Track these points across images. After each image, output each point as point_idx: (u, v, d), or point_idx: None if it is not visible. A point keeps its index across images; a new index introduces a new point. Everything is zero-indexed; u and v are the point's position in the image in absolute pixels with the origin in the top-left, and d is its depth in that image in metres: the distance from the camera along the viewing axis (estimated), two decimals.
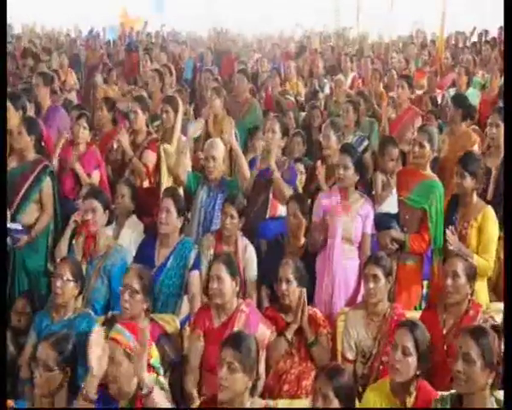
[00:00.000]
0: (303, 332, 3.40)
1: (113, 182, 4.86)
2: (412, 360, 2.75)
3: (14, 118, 4.64)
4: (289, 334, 3.33)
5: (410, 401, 2.76)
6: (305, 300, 3.35)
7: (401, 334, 2.79)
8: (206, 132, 5.56)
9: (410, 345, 2.75)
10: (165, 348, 3.21)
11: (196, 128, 5.02)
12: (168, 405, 2.65)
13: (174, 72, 7.80)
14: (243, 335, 2.76)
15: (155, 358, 2.79)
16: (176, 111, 5.10)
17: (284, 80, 8.16)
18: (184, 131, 5.42)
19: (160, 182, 4.81)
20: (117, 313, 3.35)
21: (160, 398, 2.58)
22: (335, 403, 2.51)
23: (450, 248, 3.71)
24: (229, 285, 3.28)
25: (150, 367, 2.74)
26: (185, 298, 3.83)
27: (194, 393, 3.24)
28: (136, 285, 3.21)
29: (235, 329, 3.19)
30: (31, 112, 5.04)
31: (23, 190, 4.30)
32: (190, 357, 3.31)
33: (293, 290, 3.41)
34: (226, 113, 5.83)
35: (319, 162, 4.64)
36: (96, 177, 4.75)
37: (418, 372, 2.77)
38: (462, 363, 2.53)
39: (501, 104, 5.49)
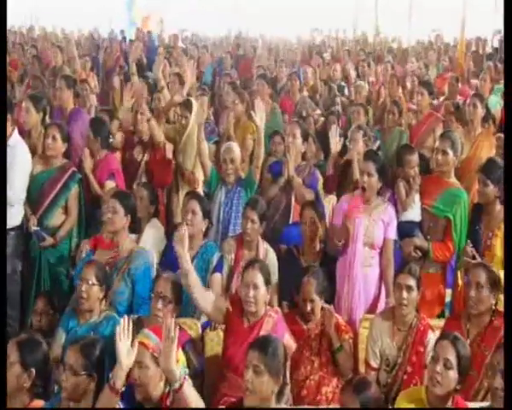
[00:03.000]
0: (324, 338, 3.37)
1: (129, 186, 4.87)
2: (453, 373, 2.71)
3: (34, 119, 4.70)
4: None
5: None
6: (333, 312, 3.33)
7: (444, 346, 2.75)
8: (227, 137, 5.58)
9: (453, 358, 2.71)
10: (190, 355, 3.19)
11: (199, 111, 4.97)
12: (199, 398, 2.62)
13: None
14: (270, 338, 2.75)
15: (182, 363, 2.78)
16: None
17: (303, 85, 8.15)
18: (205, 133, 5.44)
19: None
20: (144, 317, 3.35)
21: (192, 390, 2.56)
22: None
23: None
24: (263, 293, 3.24)
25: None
26: None
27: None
28: (169, 293, 3.21)
29: (263, 332, 3.16)
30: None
31: (51, 196, 4.36)
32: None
33: (317, 307, 3.42)
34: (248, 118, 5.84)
35: (354, 153, 4.60)
36: (109, 187, 4.65)
37: (458, 387, 2.73)
38: (500, 380, 2.49)
39: None
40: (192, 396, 2.55)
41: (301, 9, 17.80)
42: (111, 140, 4.95)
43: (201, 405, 2.60)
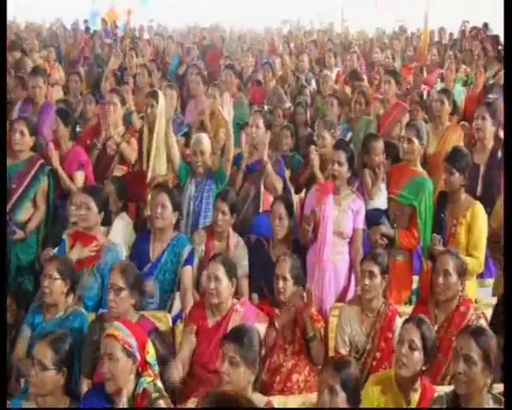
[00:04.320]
0: (297, 326, 3.40)
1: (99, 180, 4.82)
2: (418, 354, 2.76)
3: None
4: (278, 324, 3.33)
5: (414, 398, 2.77)
6: (302, 298, 3.34)
7: (408, 329, 2.80)
8: (197, 128, 5.55)
9: (417, 340, 2.76)
10: (156, 344, 3.19)
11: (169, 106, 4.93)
12: None
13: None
14: (245, 328, 2.76)
15: (151, 355, 2.78)
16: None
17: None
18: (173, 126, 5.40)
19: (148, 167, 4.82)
20: (105, 313, 3.33)
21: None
22: (342, 396, 2.51)
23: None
24: (226, 285, 3.27)
25: (146, 364, 2.73)
26: (177, 294, 3.82)
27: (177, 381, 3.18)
28: (121, 282, 3.18)
29: (230, 328, 3.15)
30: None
31: (21, 189, 4.30)
32: (182, 349, 3.29)
33: (289, 287, 3.41)
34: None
35: (313, 148, 4.63)
36: (79, 178, 4.65)
37: (424, 368, 2.78)
38: (464, 364, 2.54)
39: (486, 99, 5.55)
40: None
41: (270, 1, 17.74)
42: (78, 129, 4.91)
43: None
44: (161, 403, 2.64)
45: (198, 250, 3.97)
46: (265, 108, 6.60)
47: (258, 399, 2.68)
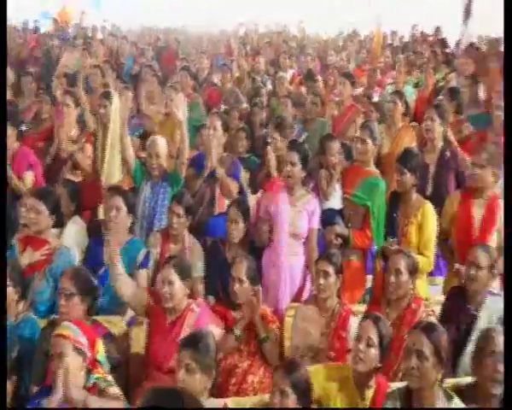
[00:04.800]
0: (252, 328, 3.41)
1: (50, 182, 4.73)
2: (375, 351, 2.81)
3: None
4: (238, 329, 3.34)
5: (368, 394, 2.81)
6: (261, 298, 3.36)
7: (366, 326, 2.84)
8: (155, 131, 5.52)
9: (374, 337, 2.81)
10: (109, 350, 3.15)
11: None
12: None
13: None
14: (200, 334, 2.75)
15: (101, 353, 2.75)
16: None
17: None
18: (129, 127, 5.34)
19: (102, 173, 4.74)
20: (57, 319, 3.25)
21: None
22: (293, 398, 2.54)
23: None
24: (178, 288, 3.26)
25: (96, 362, 2.71)
26: None
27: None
28: (72, 288, 3.12)
29: (185, 327, 3.18)
30: None
31: None
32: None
33: (245, 289, 3.41)
34: None
35: (269, 148, 4.66)
36: (28, 179, 4.56)
37: (379, 365, 2.83)
38: (416, 359, 2.60)
39: (436, 101, 5.70)
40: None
41: (226, 3, 17.71)
42: (24, 128, 4.81)
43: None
44: (110, 391, 2.60)
45: (153, 253, 3.94)
46: (222, 108, 6.60)
47: (214, 404, 2.68)
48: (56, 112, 5.27)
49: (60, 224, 4.00)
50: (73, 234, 4.13)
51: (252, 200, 4.90)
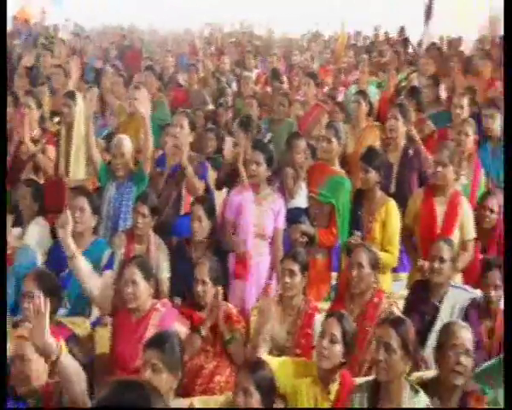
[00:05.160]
0: (218, 329, 3.40)
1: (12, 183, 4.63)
2: (339, 347, 2.84)
3: None
4: (204, 330, 3.33)
5: (333, 389, 2.84)
6: (221, 299, 3.36)
7: (330, 323, 2.88)
8: (120, 130, 5.46)
9: (338, 333, 2.84)
10: (74, 351, 3.10)
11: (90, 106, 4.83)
12: (80, 368, 2.56)
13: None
14: (166, 334, 2.74)
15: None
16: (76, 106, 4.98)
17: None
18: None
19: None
20: (20, 320, 3.20)
21: (70, 360, 2.49)
22: (256, 397, 2.56)
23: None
24: (143, 289, 3.24)
25: None
26: None
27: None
28: (35, 290, 3.06)
29: (150, 327, 3.16)
30: None
31: None
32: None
33: (208, 290, 3.40)
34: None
35: (239, 149, 4.67)
36: None
37: (344, 360, 2.86)
38: (384, 352, 2.64)
39: (399, 101, 5.80)
40: (71, 366, 2.48)
41: (193, 3, 17.63)
42: None
43: (82, 375, 2.54)
44: (64, 356, 2.51)
45: (118, 254, 3.90)
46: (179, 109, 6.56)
47: (181, 404, 2.68)
48: (18, 113, 5.16)
49: (19, 223, 3.93)
50: (36, 235, 4.08)
51: (218, 201, 4.91)
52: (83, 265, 3.29)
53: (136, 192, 4.31)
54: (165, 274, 3.90)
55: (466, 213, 4.08)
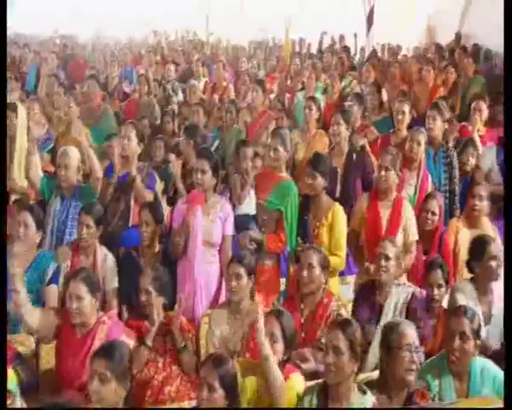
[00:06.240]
0: (168, 338, 3.39)
1: None
2: (279, 345, 2.89)
3: None
4: (149, 340, 3.31)
5: None
6: (179, 309, 3.35)
7: (269, 321, 2.93)
8: (60, 141, 5.37)
9: (277, 331, 2.90)
10: (19, 371, 3.03)
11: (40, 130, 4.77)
12: None
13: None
14: (114, 343, 2.73)
15: (11, 381, 2.64)
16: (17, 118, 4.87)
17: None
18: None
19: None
20: None
21: None
22: (220, 392, 2.58)
23: None
24: (88, 303, 3.21)
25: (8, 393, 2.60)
26: None
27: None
28: None
29: (97, 341, 3.12)
30: None
31: None
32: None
33: (153, 300, 3.38)
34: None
35: (173, 158, 4.65)
36: None
37: (285, 357, 2.92)
38: (333, 355, 2.70)
39: (341, 106, 5.94)
40: None
41: (138, 12, 17.49)
42: None
43: None
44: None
45: (63, 267, 3.84)
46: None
47: None
48: None
49: None
50: None
51: (166, 210, 4.90)
52: (24, 301, 3.19)
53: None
54: (112, 286, 3.86)
55: (409, 216, 4.22)
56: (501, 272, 3.59)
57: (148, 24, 16.78)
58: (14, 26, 15.16)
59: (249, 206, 4.42)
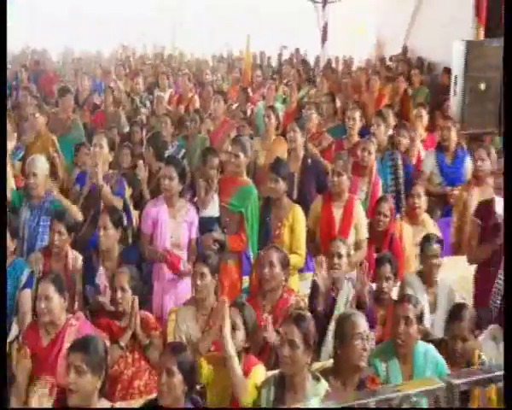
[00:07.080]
0: (136, 335, 3.39)
1: None
2: (240, 334, 2.95)
3: None
4: (123, 341, 3.31)
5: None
6: (137, 307, 3.35)
7: (231, 311, 3.01)
8: (29, 150, 5.30)
9: (239, 321, 2.97)
10: None
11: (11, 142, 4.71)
12: None
13: None
14: (89, 337, 2.74)
15: None
16: None
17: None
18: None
19: None
20: None
21: None
22: (179, 377, 2.61)
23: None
24: (57, 303, 3.19)
25: None
26: (15, 319, 3.63)
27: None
28: None
29: (66, 344, 3.09)
30: None
31: None
32: (17, 376, 3.16)
33: (127, 298, 3.38)
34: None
35: (141, 164, 4.62)
36: None
37: (247, 345, 2.98)
38: (288, 348, 2.75)
39: (299, 115, 6.04)
40: None
41: (109, 24, 17.28)
42: None
43: None
44: None
45: (36, 272, 3.79)
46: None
47: (104, 405, 2.67)
48: None
49: None
50: None
51: (134, 215, 4.90)
52: None
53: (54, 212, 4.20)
54: (80, 287, 3.83)
55: (360, 215, 4.32)
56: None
57: (116, 38, 16.63)
58: None
59: (213, 209, 4.45)
